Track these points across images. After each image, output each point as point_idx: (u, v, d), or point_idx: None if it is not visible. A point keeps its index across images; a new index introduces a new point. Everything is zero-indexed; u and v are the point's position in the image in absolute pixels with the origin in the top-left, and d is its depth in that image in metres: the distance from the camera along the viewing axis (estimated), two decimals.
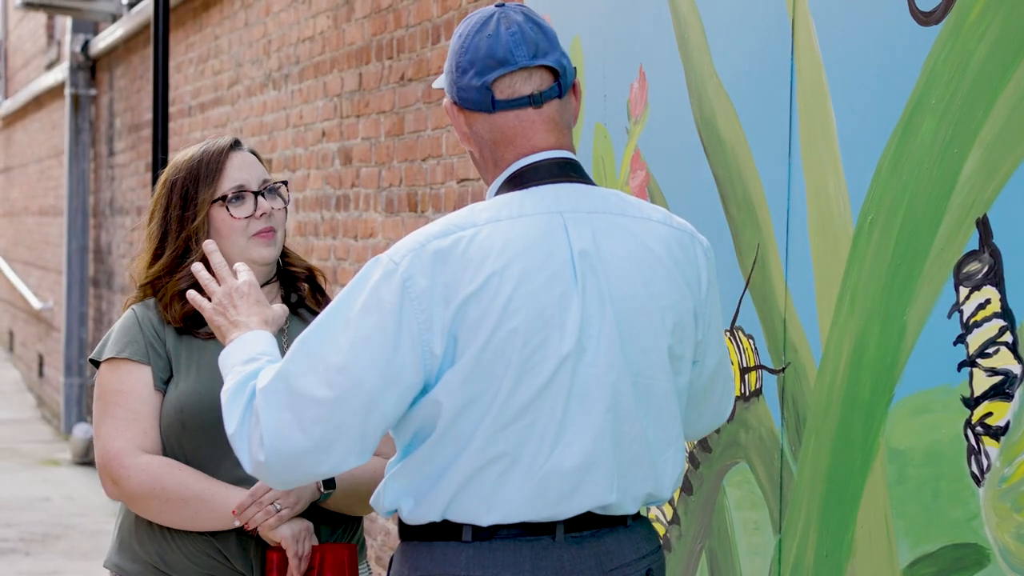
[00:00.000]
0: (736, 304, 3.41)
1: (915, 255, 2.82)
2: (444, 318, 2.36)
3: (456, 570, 2.43)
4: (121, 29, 11.98)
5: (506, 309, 2.37)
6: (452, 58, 2.52)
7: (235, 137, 3.21)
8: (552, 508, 2.43)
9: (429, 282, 2.36)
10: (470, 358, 2.36)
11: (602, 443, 2.44)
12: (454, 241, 2.40)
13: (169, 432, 3.08)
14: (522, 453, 2.39)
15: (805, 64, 3.16)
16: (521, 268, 2.39)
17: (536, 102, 2.49)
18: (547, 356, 2.39)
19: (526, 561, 2.43)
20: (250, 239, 3.12)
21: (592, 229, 2.47)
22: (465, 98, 2.49)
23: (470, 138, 2.54)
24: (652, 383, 2.50)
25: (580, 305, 2.42)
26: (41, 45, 17.59)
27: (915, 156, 2.82)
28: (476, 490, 2.41)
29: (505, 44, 2.46)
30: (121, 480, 3.04)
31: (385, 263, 2.40)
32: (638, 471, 2.50)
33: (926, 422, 2.80)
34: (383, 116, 6.13)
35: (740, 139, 3.40)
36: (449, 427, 2.39)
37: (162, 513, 3.04)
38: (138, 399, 3.08)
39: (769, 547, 3.27)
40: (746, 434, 3.37)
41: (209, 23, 9.13)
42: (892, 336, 2.87)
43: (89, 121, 14.04)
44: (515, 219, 2.43)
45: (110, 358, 3.11)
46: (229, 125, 8.62)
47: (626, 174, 3.91)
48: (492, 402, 2.37)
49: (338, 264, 6.67)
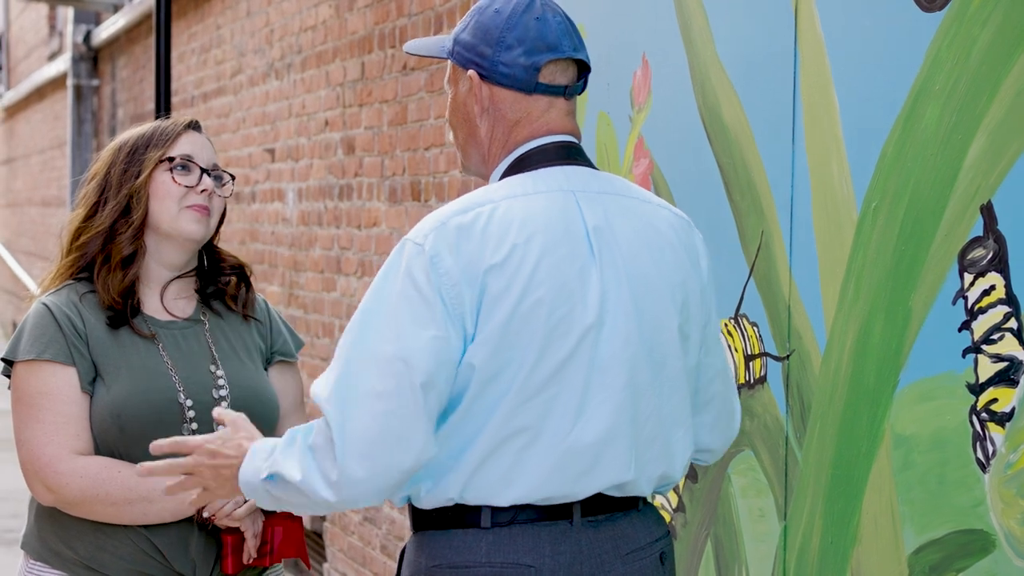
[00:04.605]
0: (740, 291, 3.40)
1: (919, 241, 2.82)
2: (472, 289, 2.38)
3: (477, 557, 2.43)
4: (123, 19, 11.98)
5: (531, 280, 2.39)
6: (490, 31, 2.52)
7: (196, 120, 3.20)
8: (572, 485, 2.44)
9: (455, 257, 2.38)
10: (498, 327, 2.38)
11: (621, 417, 2.45)
12: (474, 216, 2.42)
13: (104, 436, 2.97)
14: (544, 427, 2.40)
15: (808, 51, 3.16)
16: (542, 241, 2.41)
17: (569, 94, 2.55)
18: (571, 327, 2.41)
19: (545, 546, 2.44)
20: (183, 209, 3.05)
21: (603, 208, 2.51)
22: (506, 73, 2.51)
23: (486, 113, 2.54)
24: (664, 360, 2.52)
25: (599, 279, 2.45)
26: (43, 36, 17.58)
27: (919, 143, 2.82)
28: (496, 466, 2.41)
29: (554, 31, 2.52)
30: (58, 487, 2.93)
31: (410, 246, 2.41)
32: (653, 449, 2.52)
33: (931, 409, 2.80)
34: (386, 105, 6.12)
35: (744, 126, 3.40)
36: (476, 398, 2.39)
37: (105, 515, 2.96)
38: (66, 401, 2.96)
39: (774, 534, 3.27)
40: (751, 422, 3.37)
41: (211, 13, 9.13)
42: (897, 323, 2.87)
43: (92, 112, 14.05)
44: (530, 196, 2.46)
45: (29, 359, 2.98)
46: (232, 115, 8.62)
47: (629, 162, 3.91)
48: (518, 373, 2.39)
49: (341, 253, 6.67)
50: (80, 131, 14.01)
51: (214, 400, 3.02)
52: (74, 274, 3.07)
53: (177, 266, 3.10)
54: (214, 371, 3.06)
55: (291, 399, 3.20)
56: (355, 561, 6.45)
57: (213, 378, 3.05)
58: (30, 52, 18.99)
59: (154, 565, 2.99)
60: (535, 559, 2.43)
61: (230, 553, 2.98)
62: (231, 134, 8.64)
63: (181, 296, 3.13)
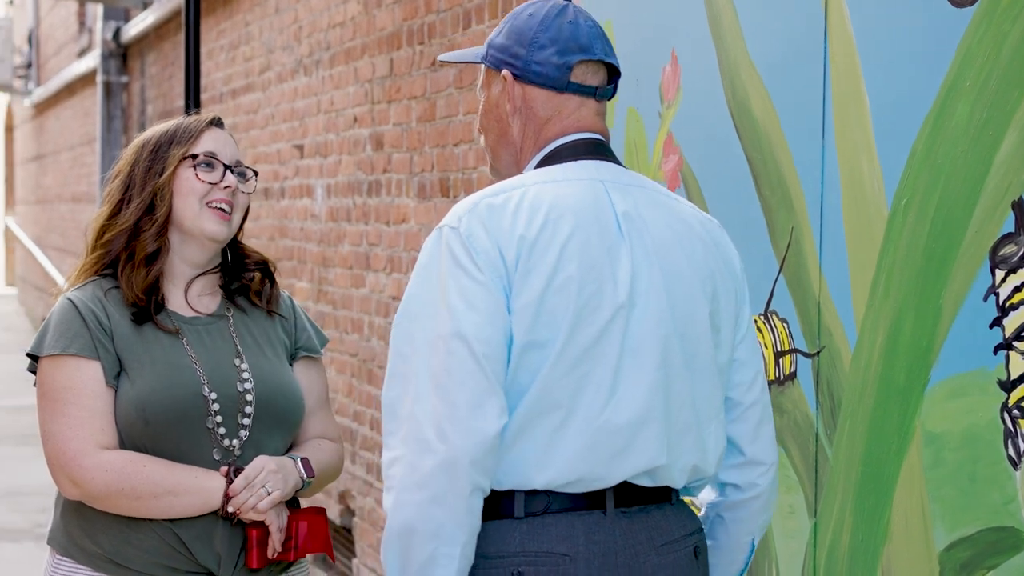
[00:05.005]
0: (770, 287, 3.40)
1: (950, 238, 2.81)
2: (507, 261, 2.42)
3: (511, 547, 2.44)
4: (152, 16, 12.02)
5: (561, 257, 2.43)
6: (524, 33, 2.59)
7: (218, 116, 3.21)
8: (605, 466, 2.44)
9: (488, 234, 2.43)
10: (533, 300, 2.41)
11: (655, 400, 2.47)
12: (505, 198, 2.48)
13: (129, 431, 2.97)
14: (577, 404, 2.42)
15: (838, 46, 3.15)
16: (573, 221, 2.46)
17: (599, 95, 2.61)
18: (601, 305, 2.44)
19: (580, 535, 2.45)
20: (204, 207, 3.05)
21: (633, 198, 2.55)
22: (538, 72, 2.58)
23: (518, 112, 2.61)
24: (696, 348, 2.54)
25: (629, 260, 2.48)
26: (72, 33, 17.64)
27: (950, 139, 2.81)
28: (530, 444, 2.42)
29: (586, 34, 2.59)
30: (83, 482, 2.94)
31: (446, 230, 2.46)
32: (687, 438, 2.53)
33: (962, 405, 2.79)
34: (414, 101, 6.13)
35: (773, 122, 3.39)
36: (515, 371, 2.41)
37: (130, 509, 2.96)
38: (90, 395, 2.96)
39: (804, 531, 3.27)
40: (781, 418, 3.36)
41: (240, 9, 9.15)
42: (927, 319, 2.86)
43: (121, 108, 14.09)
44: (560, 182, 2.52)
45: (54, 354, 2.99)
46: (260, 111, 8.64)
47: (659, 158, 3.91)
48: (552, 348, 2.41)
49: (370, 250, 6.68)
50: (109, 127, 14.06)
51: (238, 393, 3.03)
52: (99, 271, 3.09)
53: (200, 264, 3.11)
54: (238, 365, 3.07)
55: (316, 395, 3.21)
56: None
57: (237, 372, 3.06)
58: (60, 49, 19.06)
59: (179, 558, 2.99)
60: (569, 548, 2.44)
61: (255, 546, 2.99)
62: (260, 130, 8.66)
63: (205, 293, 3.14)
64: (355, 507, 6.90)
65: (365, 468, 6.73)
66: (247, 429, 3.03)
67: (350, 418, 6.96)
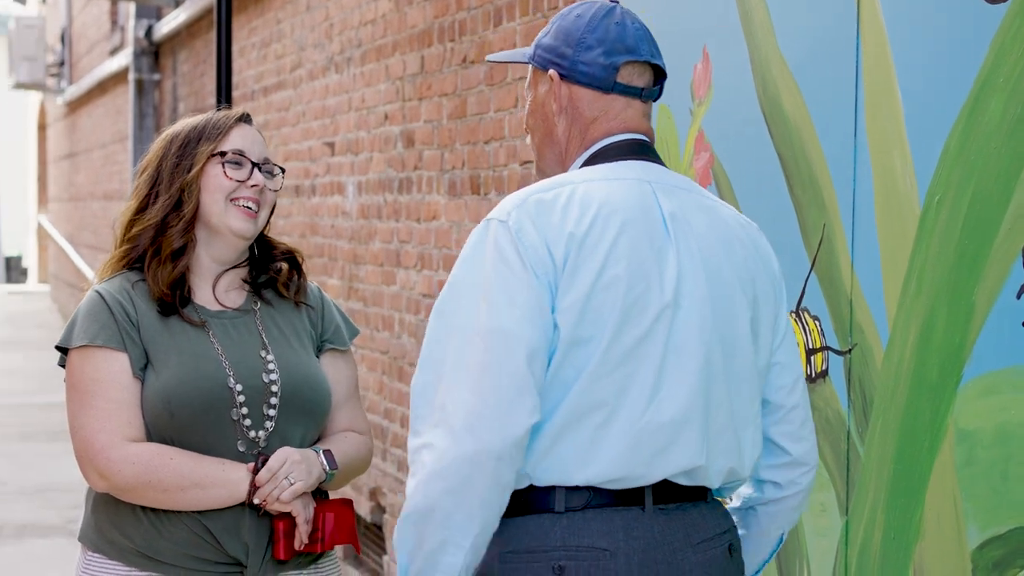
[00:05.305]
0: (802, 285, 3.39)
1: (983, 235, 2.80)
2: (556, 258, 2.43)
3: (551, 541, 2.45)
4: (184, 14, 12.06)
5: (609, 255, 2.44)
6: (571, 34, 2.61)
7: (247, 112, 3.21)
8: (646, 465, 2.46)
9: (537, 228, 2.44)
10: (580, 298, 2.42)
11: (696, 400, 2.48)
12: (555, 195, 2.49)
13: (156, 422, 2.99)
14: (621, 403, 2.43)
15: (871, 43, 3.14)
16: (621, 220, 2.47)
17: (645, 97, 2.63)
18: (647, 305, 2.45)
19: (619, 531, 2.46)
20: (231, 205, 3.06)
21: (679, 200, 2.57)
22: (585, 72, 2.59)
23: (564, 112, 2.62)
24: (735, 351, 2.55)
25: (675, 261, 2.50)
26: (105, 31, 17.71)
27: (983, 135, 2.80)
28: (572, 441, 2.43)
29: (633, 35, 2.61)
30: (110, 474, 2.95)
31: (495, 224, 2.47)
32: (724, 440, 2.54)
33: (995, 403, 2.78)
34: (445, 99, 6.13)
35: (805, 119, 3.38)
36: (559, 369, 2.42)
37: (157, 502, 2.98)
38: (118, 387, 2.98)
39: (836, 529, 3.26)
40: (812, 416, 3.35)
41: (271, 7, 9.17)
42: (960, 316, 2.85)
43: (153, 106, 14.14)
44: (609, 181, 2.53)
45: (82, 346, 3.00)
46: (292, 109, 8.66)
47: (690, 156, 3.90)
48: (598, 346, 2.42)
49: (401, 247, 6.69)
50: (141, 125, 14.10)
51: (264, 384, 3.03)
52: (127, 265, 3.10)
53: (227, 260, 3.12)
54: (264, 356, 3.07)
55: (344, 388, 3.21)
56: None
57: (263, 363, 3.06)
58: (92, 47, 19.13)
59: (208, 549, 3.00)
60: (610, 543, 2.45)
61: (281, 538, 3.00)
62: (291, 128, 8.68)
63: (232, 287, 3.15)
64: (386, 504, 6.91)
65: (396, 465, 6.74)
66: (272, 420, 3.03)
67: (381, 415, 6.97)
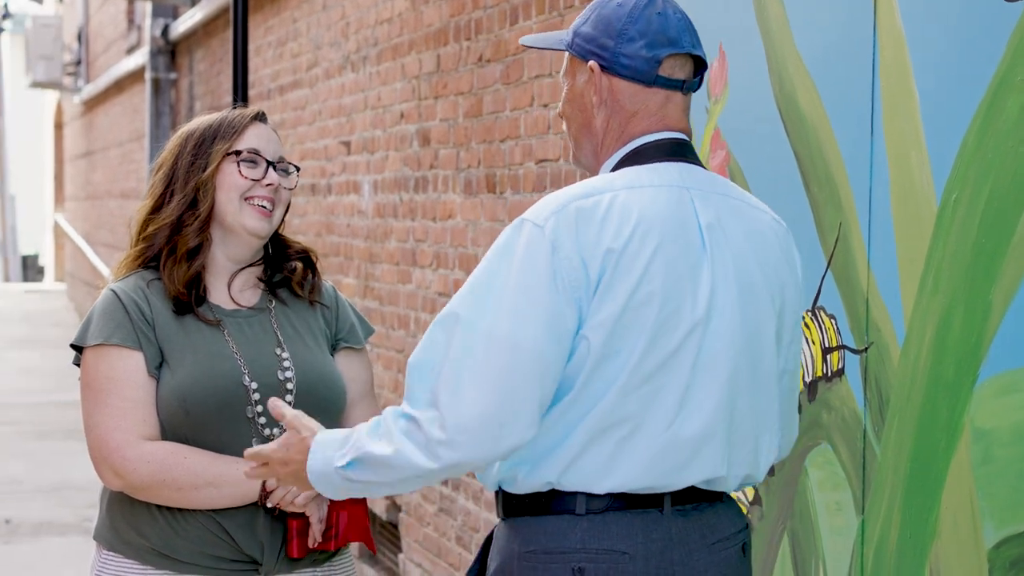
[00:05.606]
0: (818, 283, 3.38)
1: (1000, 233, 2.79)
2: (591, 272, 2.40)
3: (571, 543, 2.45)
4: (200, 13, 12.07)
5: (646, 272, 2.42)
6: (612, 24, 2.56)
7: (262, 111, 3.21)
8: (667, 478, 2.46)
9: (574, 240, 2.41)
10: (613, 314, 2.40)
11: (721, 414, 2.48)
12: (595, 203, 2.45)
13: (171, 421, 2.99)
14: (646, 418, 2.43)
15: (887, 40, 3.13)
16: (659, 234, 2.45)
17: (687, 89, 2.59)
18: (680, 322, 2.44)
19: (638, 533, 2.46)
20: (245, 203, 3.07)
21: (716, 207, 2.54)
22: (627, 65, 2.55)
23: (604, 104, 2.58)
24: (760, 362, 2.55)
25: (710, 275, 2.48)
26: (121, 30, 17.74)
27: (1000, 133, 2.79)
28: (597, 454, 2.43)
29: (675, 26, 2.56)
30: (125, 473, 2.96)
31: (530, 227, 2.43)
32: (744, 449, 2.55)
33: (1012, 402, 2.77)
34: (461, 97, 6.13)
35: (821, 117, 3.38)
36: (586, 384, 2.41)
37: (172, 500, 2.98)
38: (133, 386, 2.98)
39: (852, 528, 3.25)
40: (828, 415, 3.35)
41: (288, 6, 9.17)
42: (977, 315, 2.84)
43: (169, 104, 14.16)
44: (647, 188, 2.49)
45: (97, 344, 3.00)
46: (308, 107, 8.66)
47: (706, 153, 3.89)
48: (627, 362, 2.41)
49: (416, 246, 6.69)
50: (158, 124, 14.13)
51: (279, 382, 3.03)
52: (142, 264, 3.10)
53: (242, 259, 3.13)
54: (279, 354, 3.08)
55: (360, 386, 3.21)
56: (430, 552, 6.47)
57: (278, 360, 3.07)
58: (109, 46, 19.16)
59: (224, 547, 3.01)
60: (629, 546, 2.45)
61: (295, 537, 3.01)
62: (307, 126, 8.68)
63: (247, 286, 3.15)
64: (401, 502, 6.91)
65: None
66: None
67: None
